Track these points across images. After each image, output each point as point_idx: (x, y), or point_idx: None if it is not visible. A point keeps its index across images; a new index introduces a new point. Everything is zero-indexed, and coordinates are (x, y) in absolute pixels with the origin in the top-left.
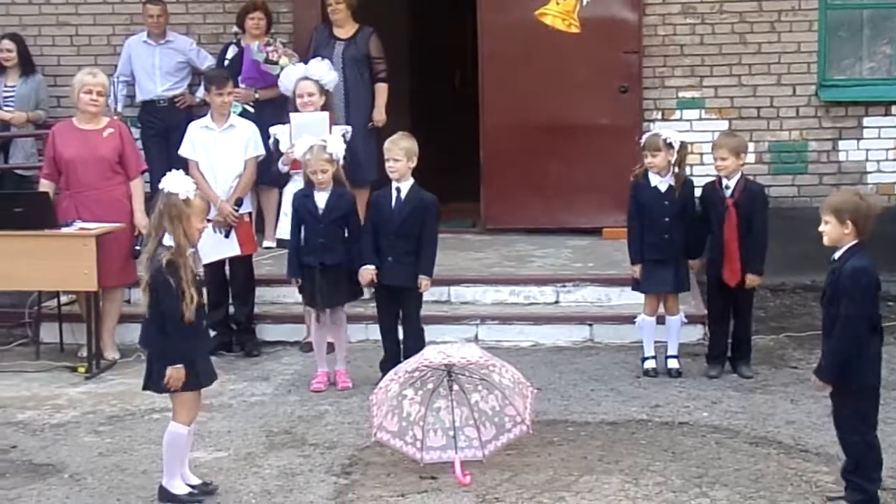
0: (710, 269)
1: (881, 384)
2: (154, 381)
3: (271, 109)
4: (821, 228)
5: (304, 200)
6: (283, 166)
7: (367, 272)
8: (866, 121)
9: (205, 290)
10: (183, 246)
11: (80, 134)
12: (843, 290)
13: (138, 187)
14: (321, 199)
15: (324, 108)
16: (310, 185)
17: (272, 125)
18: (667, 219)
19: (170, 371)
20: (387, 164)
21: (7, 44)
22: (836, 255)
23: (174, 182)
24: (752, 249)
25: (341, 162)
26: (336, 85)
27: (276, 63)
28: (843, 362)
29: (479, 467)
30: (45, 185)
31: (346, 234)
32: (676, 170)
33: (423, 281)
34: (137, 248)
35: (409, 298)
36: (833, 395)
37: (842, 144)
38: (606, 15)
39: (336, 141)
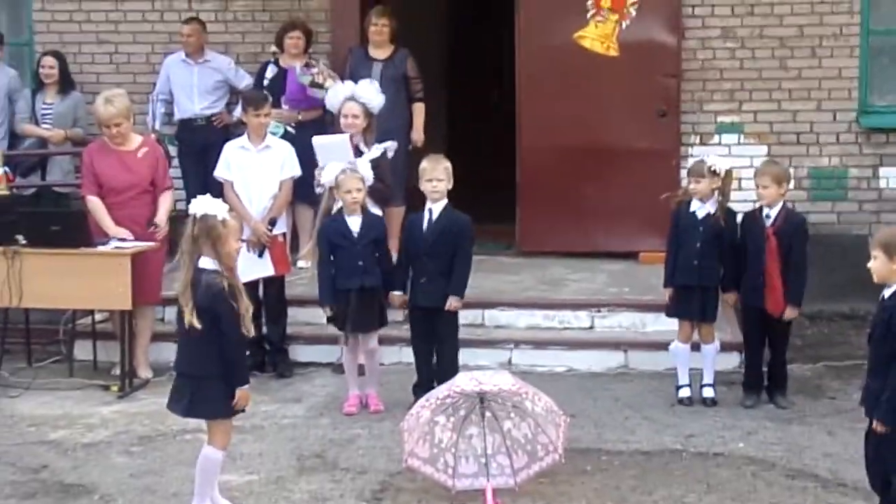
0: (748, 297)
1: None
2: (212, 407)
3: (313, 130)
4: (870, 265)
5: (335, 226)
6: (317, 188)
7: (396, 297)
8: None
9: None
10: (230, 266)
11: (115, 154)
12: None
13: (168, 199)
14: (354, 223)
15: (366, 130)
16: (331, 211)
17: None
18: (698, 244)
19: (241, 392)
20: (428, 185)
21: (49, 60)
22: (887, 293)
23: (206, 205)
24: (792, 281)
25: (370, 184)
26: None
27: (321, 86)
28: None
29: (511, 496)
30: (93, 202)
31: (378, 258)
32: (720, 197)
33: (453, 301)
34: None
35: (444, 320)
36: (873, 434)
37: (882, 171)
38: (645, 38)
39: (365, 164)
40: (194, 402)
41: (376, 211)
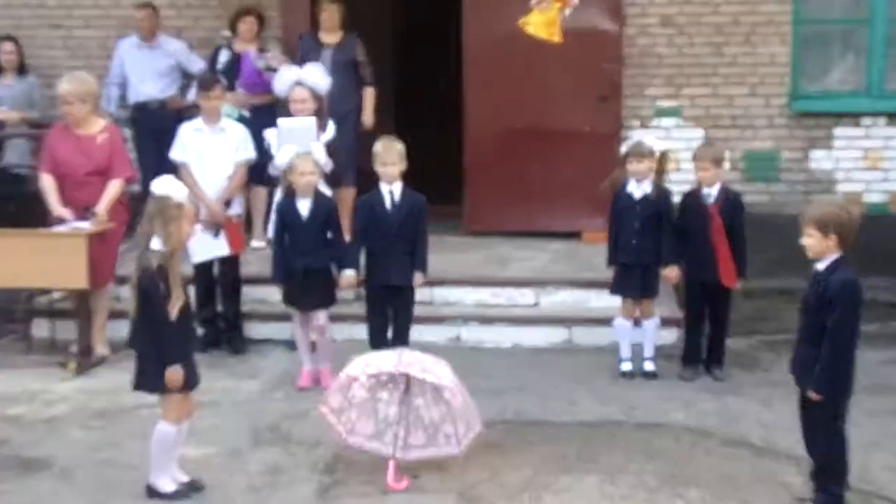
0: (692, 273)
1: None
2: (149, 381)
3: (268, 114)
4: (803, 241)
5: (287, 207)
6: (273, 170)
7: (349, 276)
8: (836, 131)
9: (192, 292)
10: (174, 249)
11: (74, 138)
12: (833, 302)
13: (114, 186)
14: (304, 205)
15: (317, 112)
16: (290, 193)
17: (268, 128)
18: (637, 224)
19: (169, 372)
20: (382, 168)
21: (7, 46)
22: (821, 266)
23: (166, 186)
24: (737, 255)
25: (326, 168)
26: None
27: (276, 70)
28: (836, 374)
29: (460, 466)
30: (45, 179)
31: (329, 238)
32: (656, 178)
33: (419, 277)
34: None
35: (403, 297)
36: (807, 401)
37: (812, 154)
38: (588, 26)
39: (319, 148)
40: (136, 377)
41: (326, 191)
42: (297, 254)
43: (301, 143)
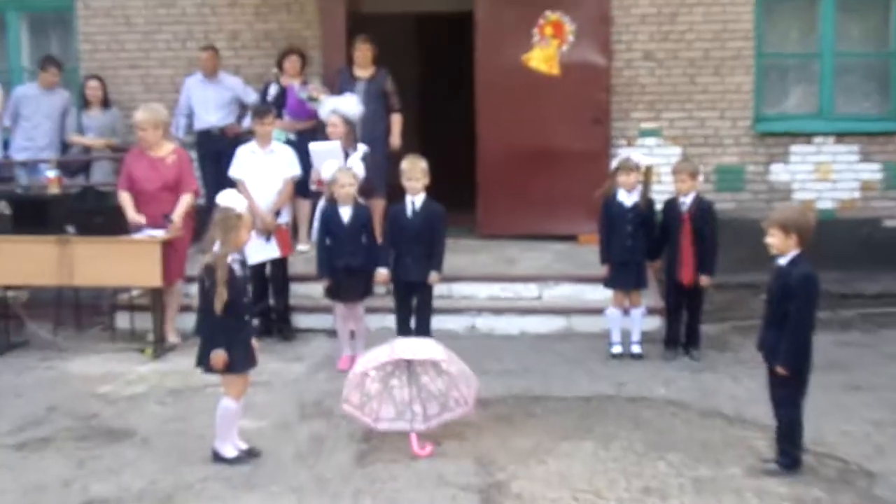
0: (669, 270)
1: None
2: (202, 363)
3: (310, 137)
4: (768, 240)
5: (330, 214)
6: (311, 185)
7: (381, 274)
8: (792, 148)
9: (249, 288)
10: (226, 252)
11: (147, 159)
12: (794, 293)
13: (186, 199)
14: (346, 212)
15: (348, 134)
16: (333, 202)
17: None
18: (629, 228)
19: (212, 355)
20: (407, 183)
21: (93, 83)
22: (783, 261)
23: (229, 199)
24: (705, 255)
25: (361, 179)
26: (360, 116)
27: (316, 100)
28: (798, 353)
29: (476, 435)
30: (123, 195)
31: (365, 241)
32: (642, 189)
33: (434, 275)
34: None
35: (423, 292)
36: (774, 377)
37: (772, 167)
38: (581, 60)
39: (358, 163)
40: (197, 358)
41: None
42: (338, 254)
43: (324, 161)
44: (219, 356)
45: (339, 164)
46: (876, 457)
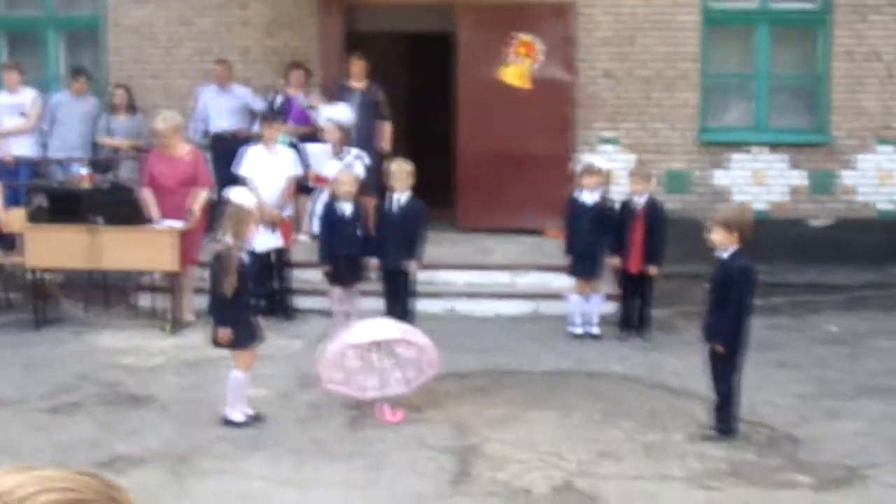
0: (624, 261)
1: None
2: (213, 338)
3: (311, 141)
4: (712, 237)
5: (333, 209)
6: (308, 181)
7: (373, 263)
8: (732, 156)
9: (254, 274)
10: (236, 243)
11: (167, 159)
12: (734, 282)
13: (201, 194)
14: (347, 208)
15: (340, 140)
16: (334, 198)
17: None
18: (588, 224)
19: (218, 331)
20: (394, 183)
21: (119, 91)
22: (724, 255)
23: (240, 195)
24: (655, 248)
25: (361, 180)
26: (352, 123)
27: (315, 108)
28: (737, 334)
29: (454, 403)
30: (145, 192)
31: (360, 233)
32: (602, 190)
33: (415, 263)
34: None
35: (406, 279)
36: (714, 355)
37: (715, 173)
38: (550, 76)
39: (359, 165)
40: (212, 335)
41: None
42: (338, 244)
43: (321, 163)
44: (224, 333)
45: (341, 166)
46: (801, 425)
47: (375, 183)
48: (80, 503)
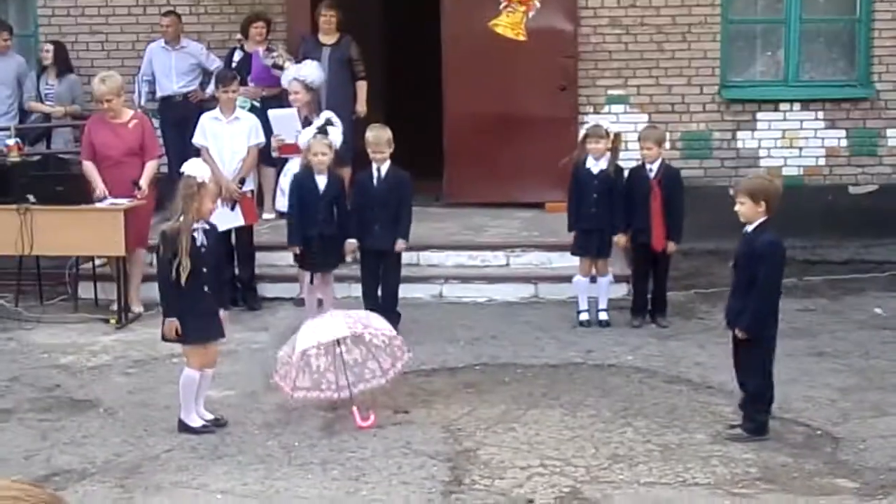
0: (636, 237)
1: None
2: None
3: (275, 104)
4: (737, 208)
5: (305, 181)
6: (273, 151)
7: (351, 244)
8: (759, 115)
9: (213, 259)
10: (188, 221)
11: (109, 126)
12: (761, 259)
13: (151, 165)
14: (321, 181)
15: (309, 103)
16: (308, 169)
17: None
18: (595, 195)
19: (165, 323)
20: (374, 154)
21: (46, 47)
22: (750, 228)
23: (193, 167)
24: (672, 222)
25: (337, 148)
26: (322, 82)
27: (281, 67)
28: (762, 318)
29: (444, 402)
30: (87, 164)
31: (336, 210)
32: (610, 156)
33: (401, 243)
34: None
35: (391, 260)
36: (740, 343)
37: (739, 135)
38: (548, 26)
39: (336, 132)
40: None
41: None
42: (311, 223)
43: (286, 129)
44: (170, 325)
45: (312, 133)
46: (841, 422)
47: (351, 152)
48: None
